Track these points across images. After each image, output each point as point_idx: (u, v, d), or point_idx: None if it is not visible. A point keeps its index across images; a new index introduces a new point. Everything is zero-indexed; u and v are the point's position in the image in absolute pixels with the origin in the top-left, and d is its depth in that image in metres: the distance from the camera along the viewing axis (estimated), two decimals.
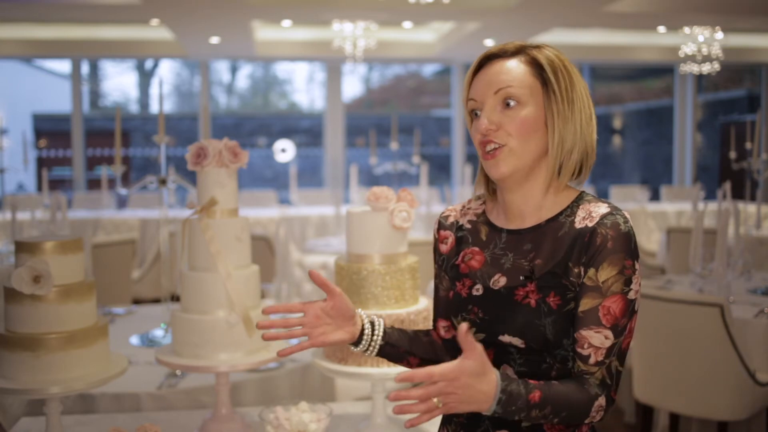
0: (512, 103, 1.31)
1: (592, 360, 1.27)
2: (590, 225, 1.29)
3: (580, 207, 1.33)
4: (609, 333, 1.26)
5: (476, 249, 1.40)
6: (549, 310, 1.28)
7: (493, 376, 1.17)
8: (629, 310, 1.27)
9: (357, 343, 1.41)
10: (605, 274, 1.26)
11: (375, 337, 1.41)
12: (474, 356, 1.14)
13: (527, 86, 1.31)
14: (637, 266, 1.27)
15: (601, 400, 1.26)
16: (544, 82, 1.32)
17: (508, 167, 1.31)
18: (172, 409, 2.39)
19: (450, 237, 1.47)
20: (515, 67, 1.32)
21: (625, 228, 1.27)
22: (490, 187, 1.43)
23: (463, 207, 1.49)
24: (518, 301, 1.31)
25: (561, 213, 1.34)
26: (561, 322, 1.28)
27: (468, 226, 1.45)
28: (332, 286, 1.36)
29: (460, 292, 1.39)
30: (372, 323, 1.42)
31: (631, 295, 1.27)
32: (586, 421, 1.27)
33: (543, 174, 1.34)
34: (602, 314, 1.26)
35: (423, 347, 1.48)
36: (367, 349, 1.41)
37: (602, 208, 1.30)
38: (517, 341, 1.30)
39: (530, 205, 1.36)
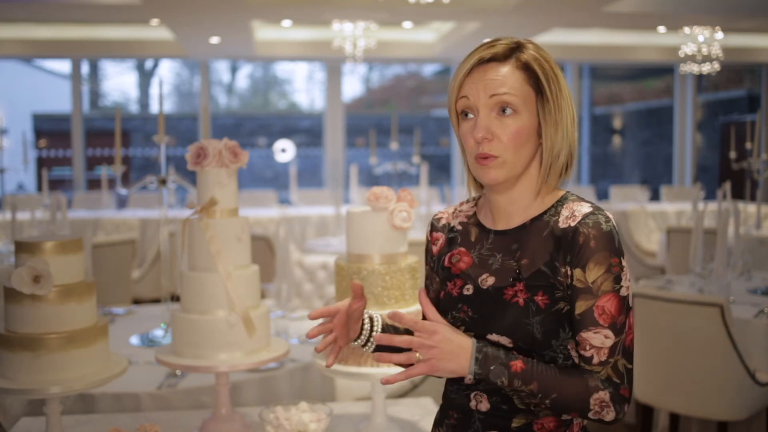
0: (508, 111, 1.31)
1: (595, 360, 1.28)
2: (573, 224, 1.30)
3: (564, 206, 1.35)
4: (608, 332, 1.27)
5: (463, 249, 1.42)
6: (537, 309, 1.30)
7: (469, 337, 1.30)
8: (624, 306, 1.28)
9: (356, 337, 1.43)
10: (593, 274, 1.27)
11: (373, 332, 1.43)
12: (441, 320, 1.31)
13: (523, 95, 1.32)
14: (624, 263, 1.29)
15: (603, 395, 1.27)
16: (538, 89, 1.33)
17: (501, 176, 1.33)
18: (172, 409, 2.39)
19: (441, 238, 1.49)
20: (510, 73, 1.32)
21: (607, 227, 1.29)
22: (479, 184, 1.44)
23: (455, 210, 1.51)
24: (507, 300, 1.32)
25: (545, 212, 1.36)
26: (549, 321, 1.29)
27: (459, 227, 1.46)
28: (361, 292, 1.40)
29: (451, 292, 1.41)
30: (371, 318, 1.44)
31: (623, 292, 1.28)
32: (591, 416, 1.27)
33: (532, 177, 1.36)
34: (598, 314, 1.27)
35: None
36: (366, 344, 1.43)
37: (585, 208, 1.32)
38: (505, 340, 1.32)
39: (517, 206, 1.38)
